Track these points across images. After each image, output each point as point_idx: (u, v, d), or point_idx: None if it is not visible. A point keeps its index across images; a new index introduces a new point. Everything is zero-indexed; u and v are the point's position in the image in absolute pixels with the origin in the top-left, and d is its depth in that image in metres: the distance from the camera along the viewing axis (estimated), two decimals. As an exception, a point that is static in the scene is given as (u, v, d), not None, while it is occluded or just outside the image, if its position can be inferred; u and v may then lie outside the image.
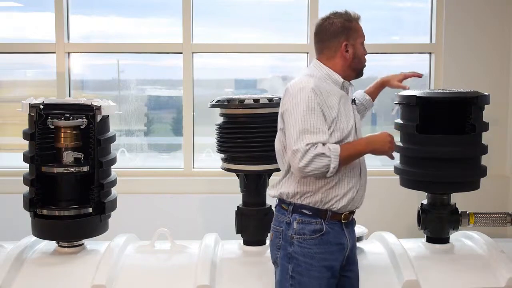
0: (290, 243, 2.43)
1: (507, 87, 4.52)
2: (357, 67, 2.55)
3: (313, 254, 2.41)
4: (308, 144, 2.29)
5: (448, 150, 3.10)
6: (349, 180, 2.45)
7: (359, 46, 2.52)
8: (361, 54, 2.54)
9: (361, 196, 2.53)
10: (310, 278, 2.41)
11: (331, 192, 2.42)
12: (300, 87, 2.38)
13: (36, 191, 3.06)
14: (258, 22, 4.69)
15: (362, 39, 2.55)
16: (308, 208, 2.43)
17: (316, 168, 2.29)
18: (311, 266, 2.40)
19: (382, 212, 4.39)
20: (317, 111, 2.34)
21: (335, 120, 2.38)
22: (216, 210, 4.30)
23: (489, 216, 3.30)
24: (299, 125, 2.32)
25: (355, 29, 2.52)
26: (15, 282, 2.89)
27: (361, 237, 3.23)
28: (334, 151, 2.30)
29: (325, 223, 2.42)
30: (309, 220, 2.42)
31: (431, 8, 4.60)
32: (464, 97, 3.14)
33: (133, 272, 2.99)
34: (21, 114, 3.15)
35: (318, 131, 2.31)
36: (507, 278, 2.94)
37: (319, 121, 2.33)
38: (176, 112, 4.82)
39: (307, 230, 2.41)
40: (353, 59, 2.51)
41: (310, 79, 2.42)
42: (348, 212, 2.49)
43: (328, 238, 2.42)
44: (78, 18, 4.66)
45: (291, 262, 2.43)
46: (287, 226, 2.45)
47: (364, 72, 2.61)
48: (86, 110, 3.10)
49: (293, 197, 2.45)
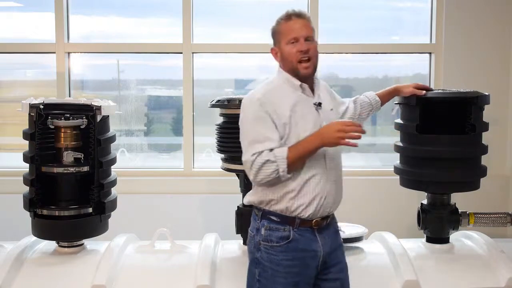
0: (257, 248, 2.44)
1: (507, 87, 4.52)
2: (292, 66, 2.45)
3: (279, 261, 2.40)
4: (254, 153, 2.32)
5: (448, 150, 3.10)
6: (312, 189, 2.41)
7: (283, 47, 2.45)
8: (288, 53, 2.44)
9: (332, 202, 2.48)
10: (275, 284, 2.41)
11: (295, 201, 2.40)
12: (249, 99, 2.42)
13: (36, 191, 3.06)
14: (258, 22, 4.68)
15: (289, 37, 2.44)
16: (277, 215, 2.42)
17: (266, 175, 2.32)
18: (277, 273, 2.40)
19: (382, 212, 4.39)
20: (264, 120, 2.35)
21: (287, 126, 2.38)
22: (216, 210, 4.30)
23: (489, 216, 3.30)
24: (247, 137, 2.37)
25: (279, 31, 2.48)
26: (15, 282, 2.89)
27: (361, 237, 3.23)
28: (279, 155, 2.31)
29: (293, 230, 2.40)
30: (277, 227, 2.41)
31: (431, 8, 4.60)
32: (464, 97, 3.14)
33: (133, 272, 2.99)
34: (21, 114, 3.15)
35: (265, 139, 2.33)
36: (507, 278, 2.94)
37: (266, 129, 2.34)
38: (176, 112, 4.82)
39: (274, 237, 2.41)
40: (282, 61, 2.47)
41: (262, 88, 2.44)
42: (320, 219, 2.45)
43: (297, 245, 2.41)
44: (78, 18, 4.66)
45: (258, 267, 2.44)
46: (257, 232, 2.46)
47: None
48: (86, 110, 3.10)
49: (260, 204, 2.46)
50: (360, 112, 2.85)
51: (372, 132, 5.00)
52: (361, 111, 2.86)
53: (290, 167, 2.31)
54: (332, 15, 4.65)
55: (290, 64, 2.44)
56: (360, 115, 2.85)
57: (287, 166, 2.30)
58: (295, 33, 2.44)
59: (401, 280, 2.91)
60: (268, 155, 2.30)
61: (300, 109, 2.41)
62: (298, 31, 2.44)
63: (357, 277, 2.97)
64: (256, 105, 2.37)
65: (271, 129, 2.35)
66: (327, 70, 4.70)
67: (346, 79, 4.94)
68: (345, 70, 4.86)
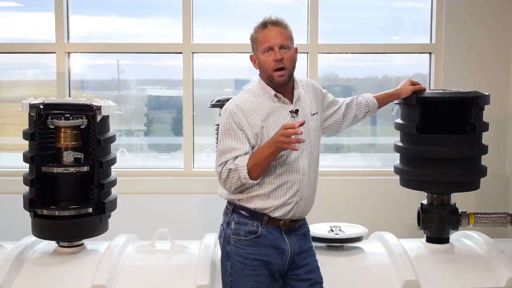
0: (227, 242, 2.51)
1: (507, 87, 4.52)
2: (268, 74, 2.48)
3: (247, 255, 2.46)
4: (221, 164, 2.43)
5: (448, 150, 3.10)
6: (282, 193, 2.47)
7: (260, 55, 2.48)
8: (263, 62, 2.47)
9: (303, 208, 2.53)
10: (244, 276, 2.47)
11: (263, 203, 2.46)
12: (224, 109, 2.50)
13: (36, 191, 3.06)
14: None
15: (264, 46, 2.46)
16: (246, 209, 2.48)
17: (232, 183, 2.42)
18: (245, 266, 2.46)
19: (382, 212, 4.39)
20: (233, 131, 2.42)
21: (258, 137, 2.43)
22: (216, 210, 4.27)
23: (489, 216, 3.30)
24: (218, 147, 2.47)
25: (256, 39, 2.51)
26: (15, 282, 2.89)
27: (361, 237, 3.23)
28: (240, 163, 2.38)
29: (261, 226, 2.46)
30: (245, 221, 2.48)
31: (431, 8, 4.60)
32: (464, 97, 3.14)
33: (133, 272, 2.99)
34: (21, 114, 3.15)
35: (232, 150, 2.41)
36: (507, 278, 2.94)
37: (233, 140, 2.42)
38: (176, 112, 4.82)
39: (242, 231, 2.47)
40: (260, 69, 2.52)
41: (239, 97, 2.51)
42: (289, 221, 2.50)
43: (264, 241, 2.47)
44: (78, 18, 4.66)
45: (229, 260, 2.51)
46: (227, 225, 2.53)
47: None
48: (86, 110, 3.10)
49: (232, 200, 2.53)
50: (355, 113, 2.84)
51: (372, 132, 5.01)
52: (357, 112, 2.85)
53: (251, 173, 2.38)
54: (332, 15, 4.65)
55: (266, 72, 2.49)
56: (356, 116, 2.85)
57: (248, 173, 2.37)
58: (270, 42, 2.45)
59: (401, 280, 2.91)
60: (231, 164, 2.40)
61: (273, 118, 2.46)
62: (273, 39, 2.45)
63: (357, 277, 2.98)
64: (227, 115, 2.45)
65: (239, 139, 2.42)
66: (327, 70, 4.70)
67: (346, 79, 4.94)
68: (345, 70, 4.85)
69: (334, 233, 3.17)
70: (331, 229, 3.21)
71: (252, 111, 2.45)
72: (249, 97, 2.50)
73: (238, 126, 2.42)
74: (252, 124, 2.43)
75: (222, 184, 2.47)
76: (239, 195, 2.49)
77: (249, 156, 2.39)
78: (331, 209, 4.17)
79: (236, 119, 2.43)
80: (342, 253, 3.14)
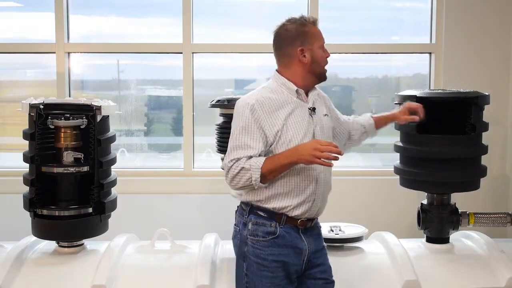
0: (244, 243, 2.49)
1: (507, 87, 4.52)
2: (317, 71, 2.51)
3: (265, 256, 2.44)
4: (233, 159, 2.37)
5: (448, 150, 3.10)
6: (300, 192, 2.45)
7: (317, 50, 2.49)
8: (320, 57, 2.50)
9: (319, 206, 2.53)
10: (261, 278, 2.45)
11: (283, 202, 2.44)
12: (242, 104, 2.44)
13: (36, 191, 3.06)
14: (258, 22, 4.69)
15: (320, 42, 2.52)
16: (264, 210, 2.46)
17: (240, 182, 2.37)
18: (263, 267, 2.44)
19: (382, 212, 4.39)
20: (251, 128, 2.38)
21: (278, 134, 2.40)
22: (216, 210, 4.30)
23: (489, 216, 3.30)
24: (232, 142, 2.41)
25: (311, 33, 2.50)
26: (15, 282, 2.89)
27: (361, 237, 3.23)
28: (254, 164, 2.33)
29: (279, 226, 2.44)
30: (263, 222, 2.45)
31: (431, 8, 4.59)
32: (464, 97, 3.14)
33: (133, 272, 2.99)
34: (21, 114, 3.15)
35: (247, 147, 2.37)
36: (507, 278, 2.94)
37: (250, 138, 2.37)
38: (176, 112, 4.82)
39: (260, 232, 2.45)
40: (312, 63, 2.49)
41: (257, 93, 2.46)
42: (306, 219, 2.49)
43: (282, 242, 2.45)
44: (78, 18, 4.66)
45: (245, 261, 2.49)
46: (244, 226, 2.50)
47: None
48: (86, 110, 3.10)
49: (249, 201, 2.50)
50: (350, 131, 2.81)
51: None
52: (352, 131, 2.82)
53: (263, 177, 2.34)
54: (332, 15, 4.65)
55: (319, 68, 2.51)
56: (351, 136, 2.82)
57: (260, 176, 2.33)
58: (323, 40, 2.54)
59: (401, 280, 2.91)
60: (245, 162, 2.35)
61: (294, 116, 2.44)
62: (323, 39, 2.54)
63: (357, 277, 2.98)
64: (247, 111, 2.40)
65: (256, 138, 2.38)
66: (327, 70, 4.69)
67: (346, 79, 4.94)
68: (345, 70, 4.85)
69: (334, 233, 3.17)
70: (331, 229, 3.21)
71: (273, 108, 2.41)
72: (268, 93, 2.45)
73: (257, 123, 2.38)
74: (273, 121, 2.40)
75: (228, 179, 2.40)
76: (258, 196, 2.45)
77: (265, 160, 2.34)
78: (331, 209, 4.16)
79: (257, 116, 2.38)
80: (342, 253, 3.14)
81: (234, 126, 2.44)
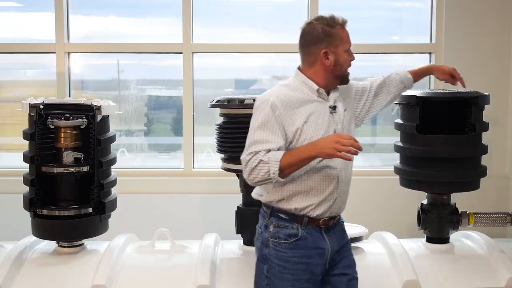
0: (266, 245, 2.45)
1: (507, 87, 4.52)
2: (338, 74, 2.47)
3: (287, 258, 2.41)
4: (251, 152, 2.32)
5: (448, 150, 3.10)
6: (323, 189, 2.43)
7: (341, 54, 2.45)
8: (344, 61, 2.46)
9: (340, 204, 2.51)
10: (283, 280, 2.42)
11: (304, 202, 2.41)
12: (262, 101, 2.40)
13: (36, 191, 3.06)
14: (258, 22, 4.69)
15: (346, 46, 2.47)
16: (285, 212, 2.43)
17: (258, 175, 2.30)
18: (284, 269, 2.41)
19: (382, 212, 4.39)
20: (271, 125, 2.34)
21: (298, 132, 2.37)
22: (216, 210, 4.30)
23: (489, 216, 3.30)
24: (251, 137, 2.37)
25: (337, 36, 2.46)
26: (15, 282, 2.89)
27: (361, 237, 3.23)
28: (273, 157, 2.28)
29: (301, 228, 2.42)
30: (285, 225, 2.43)
31: (431, 8, 4.59)
32: (464, 97, 3.15)
33: (133, 272, 2.99)
34: (21, 114, 3.15)
35: (266, 142, 2.33)
36: (507, 278, 2.94)
37: (270, 134, 2.33)
38: (176, 112, 4.82)
39: (282, 234, 2.42)
40: (334, 66, 2.44)
41: (277, 90, 2.43)
42: (328, 218, 2.47)
43: (305, 243, 2.42)
44: (78, 18, 4.66)
45: (266, 264, 2.45)
46: (265, 228, 2.47)
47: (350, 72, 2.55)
48: (86, 110, 3.10)
49: (270, 202, 2.47)
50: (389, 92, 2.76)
51: (372, 132, 5.00)
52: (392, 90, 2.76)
53: (282, 171, 2.29)
54: (332, 15, 4.64)
55: (341, 71, 2.46)
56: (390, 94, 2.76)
57: (279, 169, 2.28)
58: (350, 43, 2.49)
59: (401, 280, 2.91)
60: (263, 156, 2.30)
61: (315, 115, 2.41)
62: (350, 41, 2.50)
63: (357, 277, 2.97)
64: (267, 107, 2.35)
65: (275, 133, 2.34)
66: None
67: (346, 79, 4.93)
68: (345, 70, 4.84)
69: (334, 233, 3.16)
70: (331, 229, 3.21)
71: (294, 106, 2.38)
72: (288, 91, 2.42)
73: (277, 120, 2.34)
74: (293, 119, 2.37)
75: (247, 173, 2.33)
76: (279, 195, 2.42)
77: (284, 154, 2.30)
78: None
79: (278, 113, 2.35)
80: (342, 253, 3.14)
81: (253, 122, 2.40)
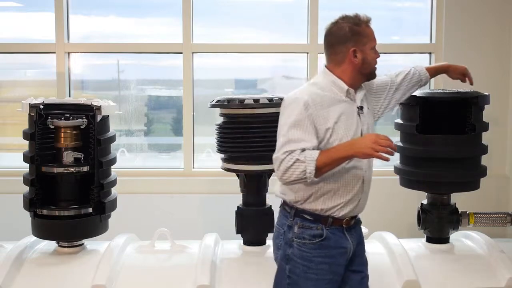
0: (290, 245, 2.44)
1: (507, 87, 4.52)
2: (366, 71, 2.49)
3: (312, 258, 2.41)
4: (286, 152, 2.30)
5: (448, 150, 3.10)
6: (349, 189, 2.43)
7: (368, 52, 2.46)
8: (371, 59, 2.48)
9: (363, 204, 2.53)
10: (307, 280, 2.42)
11: (331, 202, 2.42)
12: (294, 99, 2.39)
13: (36, 191, 3.07)
14: (258, 22, 4.69)
15: (373, 44, 2.49)
16: (309, 213, 2.43)
17: (293, 174, 2.29)
18: (309, 269, 2.42)
19: (382, 212, 4.38)
20: (305, 124, 2.33)
21: (329, 131, 2.37)
22: (216, 210, 4.30)
23: (489, 216, 3.30)
24: (284, 136, 2.34)
25: (364, 34, 2.47)
26: (15, 282, 2.90)
27: (361, 237, 3.23)
28: (309, 156, 2.27)
29: (326, 228, 2.42)
30: (309, 225, 2.42)
31: (431, 8, 4.60)
32: (464, 97, 3.15)
33: (133, 272, 2.99)
34: (21, 114, 3.15)
35: (300, 141, 2.31)
36: (507, 278, 2.94)
37: (304, 132, 2.32)
38: (176, 112, 4.82)
39: (307, 235, 2.42)
40: (363, 64, 2.46)
41: (307, 89, 2.42)
42: (350, 218, 2.48)
43: (329, 243, 2.43)
44: (78, 18, 4.66)
45: (289, 263, 2.44)
46: (289, 229, 2.46)
47: None
48: (86, 110, 3.10)
49: (295, 202, 2.45)
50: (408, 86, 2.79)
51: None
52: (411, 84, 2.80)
53: (318, 170, 2.28)
54: (332, 15, 4.63)
55: (369, 68, 2.48)
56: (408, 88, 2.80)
57: (315, 168, 2.27)
58: (375, 41, 2.51)
59: (401, 280, 2.91)
60: (300, 155, 2.28)
61: (345, 115, 2.41)
62: (376, 40, 2.52)
63: (357, 277, 2.97)
64: (300, 106, 2.34)
65: (309, 132, 2.33)
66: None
67: (346, 79, 4.93)
68: (345, 70, 4.84)
69: (334, 233, 3.16)
70: (331, 229, 3.21)
71: (325, 105, 2.38)
72: (318, 90, 2.42)
73: (310, 119, 2.34)
74: (325, 118, 2.36)
75: (280, 172, 2.30)
76: (307, 194, 2.41)
77: (320, 153, 2.29)
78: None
79: (311, 111, 2.34)
80: (342, 253, 3.14)
81: (284, 121, 2.38)
